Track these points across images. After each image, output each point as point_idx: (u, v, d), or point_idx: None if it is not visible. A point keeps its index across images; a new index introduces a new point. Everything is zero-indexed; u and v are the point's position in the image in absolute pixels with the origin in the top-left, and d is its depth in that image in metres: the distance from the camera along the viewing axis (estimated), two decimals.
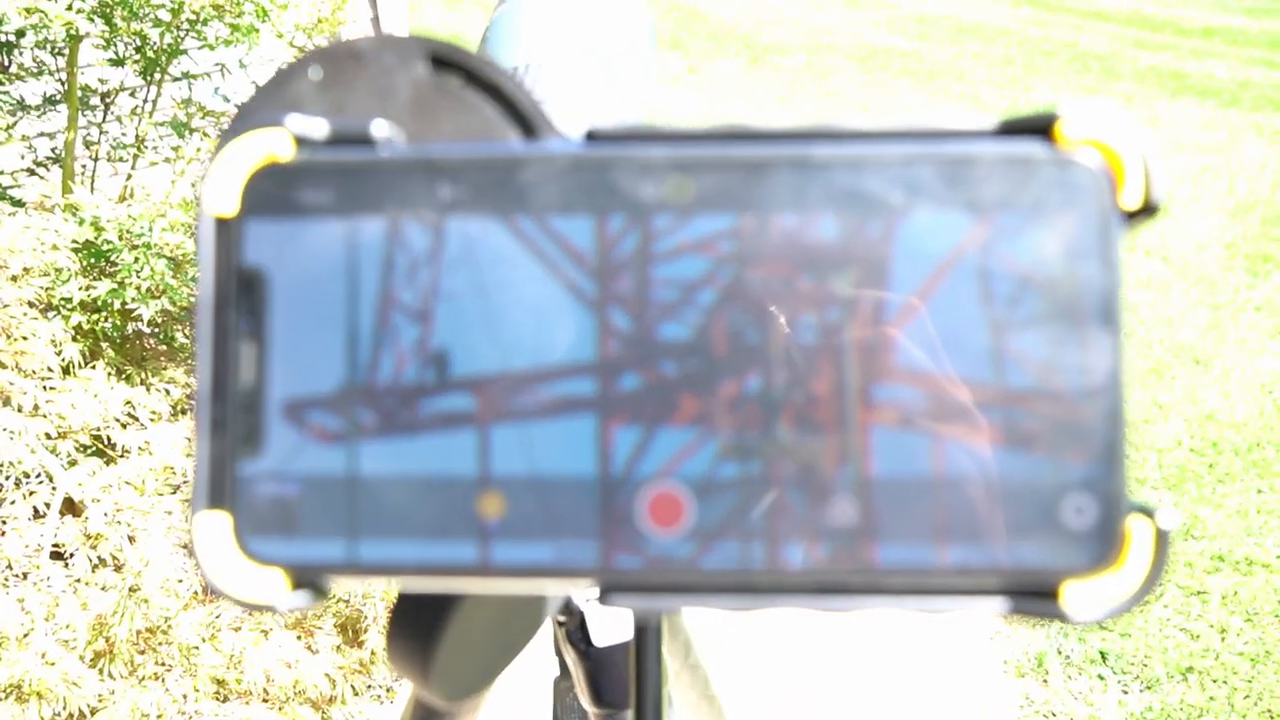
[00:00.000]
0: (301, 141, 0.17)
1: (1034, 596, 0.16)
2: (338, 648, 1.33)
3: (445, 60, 0.18)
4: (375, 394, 0.16)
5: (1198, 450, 2.06)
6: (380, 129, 0.17)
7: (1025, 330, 0.16)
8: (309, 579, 0.17)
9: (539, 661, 0.48)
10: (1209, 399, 2.23)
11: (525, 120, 0.18)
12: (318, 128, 0.17)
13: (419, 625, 0.26)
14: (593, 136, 0.17)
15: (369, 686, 1.37)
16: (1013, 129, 0.16)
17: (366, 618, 1.34)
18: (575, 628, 0.39)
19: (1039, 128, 0.16)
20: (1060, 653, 1.56)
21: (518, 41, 0.35)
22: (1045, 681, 1.51)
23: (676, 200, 0.16)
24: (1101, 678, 1.52)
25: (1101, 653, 1.56)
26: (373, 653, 1.34)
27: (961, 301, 0.16)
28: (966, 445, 0.16)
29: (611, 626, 0.39)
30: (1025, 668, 1.54)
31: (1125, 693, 1.49)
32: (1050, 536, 0.16)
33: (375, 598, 1.31)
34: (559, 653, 0.43)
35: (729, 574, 0.16)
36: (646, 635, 0.32)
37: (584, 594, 0.37)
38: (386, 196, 0.17)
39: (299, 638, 1.30)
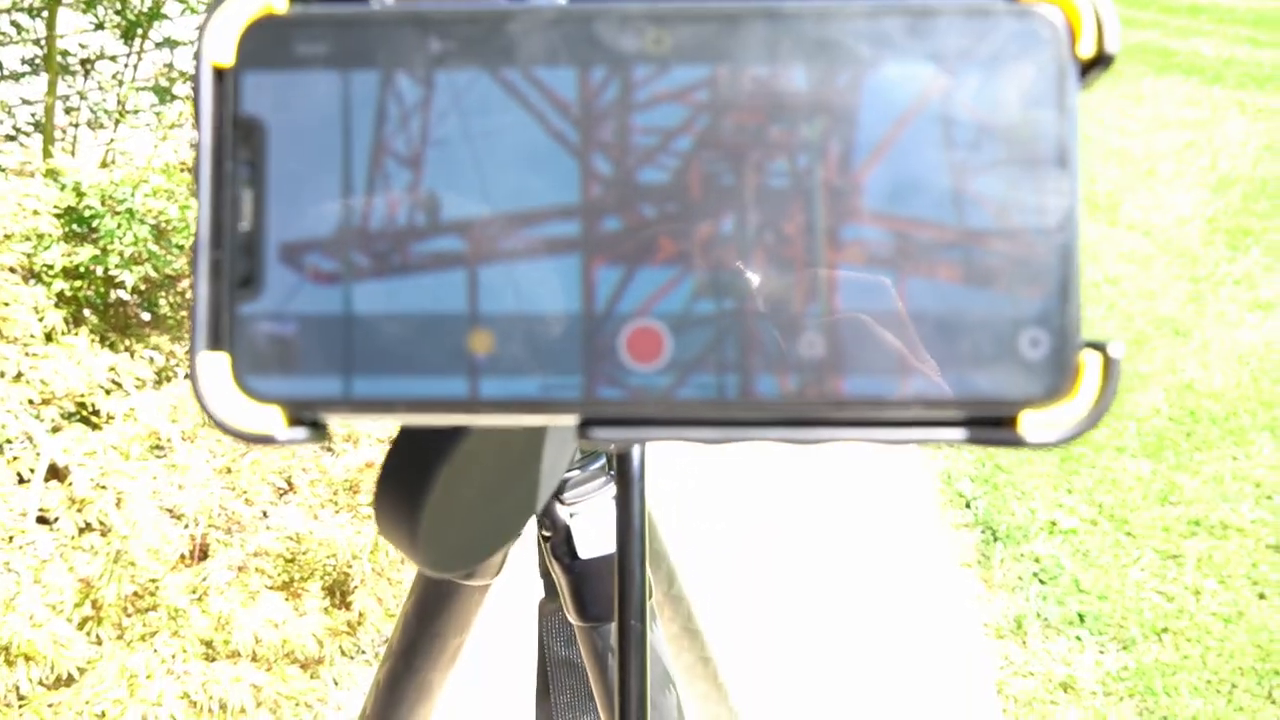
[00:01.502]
0: None
1: (993, 425, 0.17)
2: (325, 609, 1.34)
3: None
4: (369, 236, 0.17)
5: (1176, 419, 2.09)
6: None
7: (985, 174, 0.17)
8: (306, 415, 0.18)
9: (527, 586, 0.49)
10: (1188, 369, 2.26)
11: None
12: None
13: (404, 487, 0.27)
14: None
15: (359, 650, 1.39)
16: None
17: (354, 579, 1.35)
18: (560, 541, 0.40)
19: None
20: (1039, 615, 1.59)
21: None
22: (1024, 643, 1.54)
23: (655, 51, 0.17)
24: (1079, 639, 1.55)
25: (1079, 614, 1.59)
26: (361, 614, 1.35)
27: (924, 147, 0.17)
28: (928, 282, 0.17)
29: (596, 538, 0.40)
30: (1005, 630, 1.57)
31: (1102, 653, 1.51)
32: (1008, 368, 0.17)
33: (362, 558, 1.32)
34: (544, 573, 0.44)
35: (704, 404, 0.17)
36: (630, 537, 0.33)
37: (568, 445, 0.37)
38: (378, 49, 0.17)
39: (286, 599, 1.31)
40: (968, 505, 1.82)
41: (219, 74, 0.17)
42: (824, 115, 0.17)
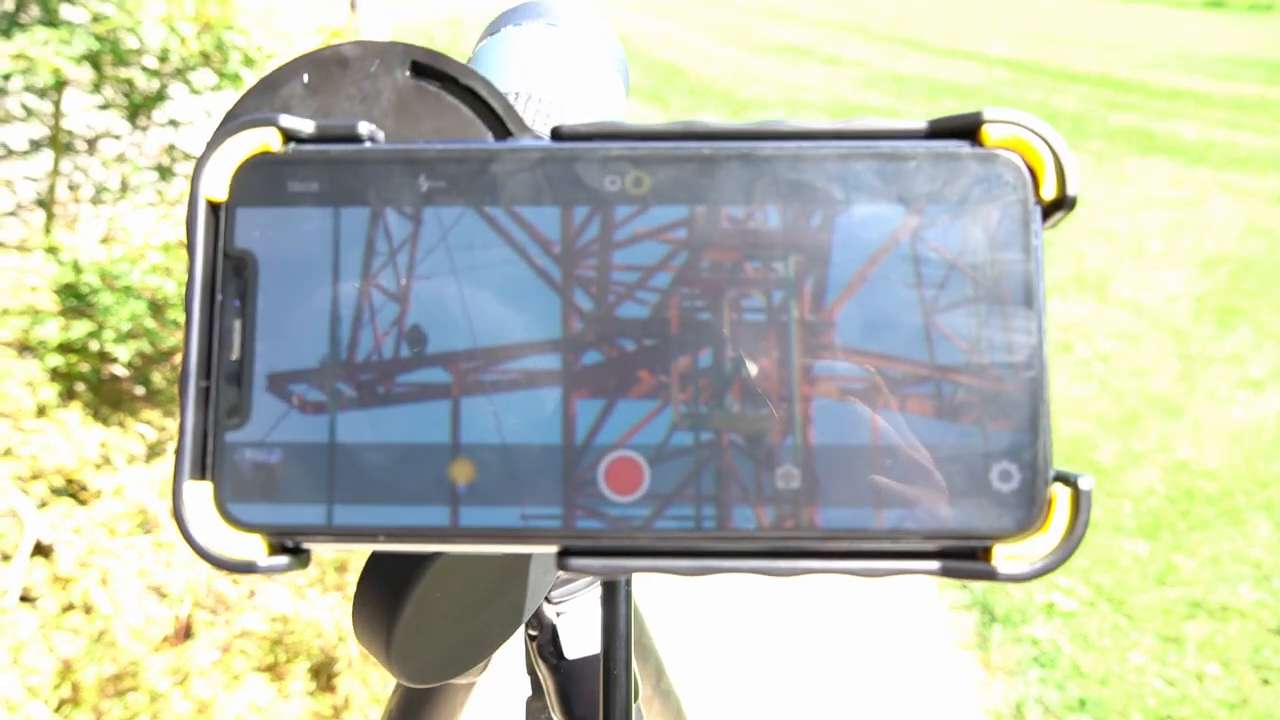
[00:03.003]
0: (290, 137, 0.18)
1: (966, 558, 0.17)
2: (310, 693, 1.31)
3: (425, 66, 0.20)
4: (354, 368, 0.18)
5: (1171, 498, 2.08)
6: (364, 128, 0.18)
7: (954, 311, 0.17)
8: (288, 542, 0.18)
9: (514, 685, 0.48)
10: (1181, 448, 2.26)
11: (499, 121, 0.20)
12: (305, 126, 0.18)
13: (380, 598, 0.27)
14: (558, 134, 0.18)
15: None
16: (941, 130, 0.18)
17: (340, 661, 1.32)
18: (547, 640, 0.40)
19: (965, 129, 0.18)
20: (1039, 700, 1.56)
21: (497, 75, 0.37)
22: None
23: (635, 192, 0.18)
24: None
25: (1081, 700, 1.56)
26: (346, 698, 1.32)
27: (895, 285, 0.17)
28: (900, 416, 0.17)
29: (583, 638, 0.39)
30: (1005, 716, 1.54)
31: None
32: (980, 501, 0.17)
33: (349, 640, 1.29)
34: (531, 671, 0.43)
35: (682, 535, 0.17)
36: (615, 640, 0.33)
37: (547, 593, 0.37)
38: (368, 187, 0.18)
39: (270, 681, 1.28)
40: (964, 587, 1.80)
41: (213, 208, 0.18)
42: (798, 253, 0.18)
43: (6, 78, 1.49)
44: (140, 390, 1.73)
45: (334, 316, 0.18)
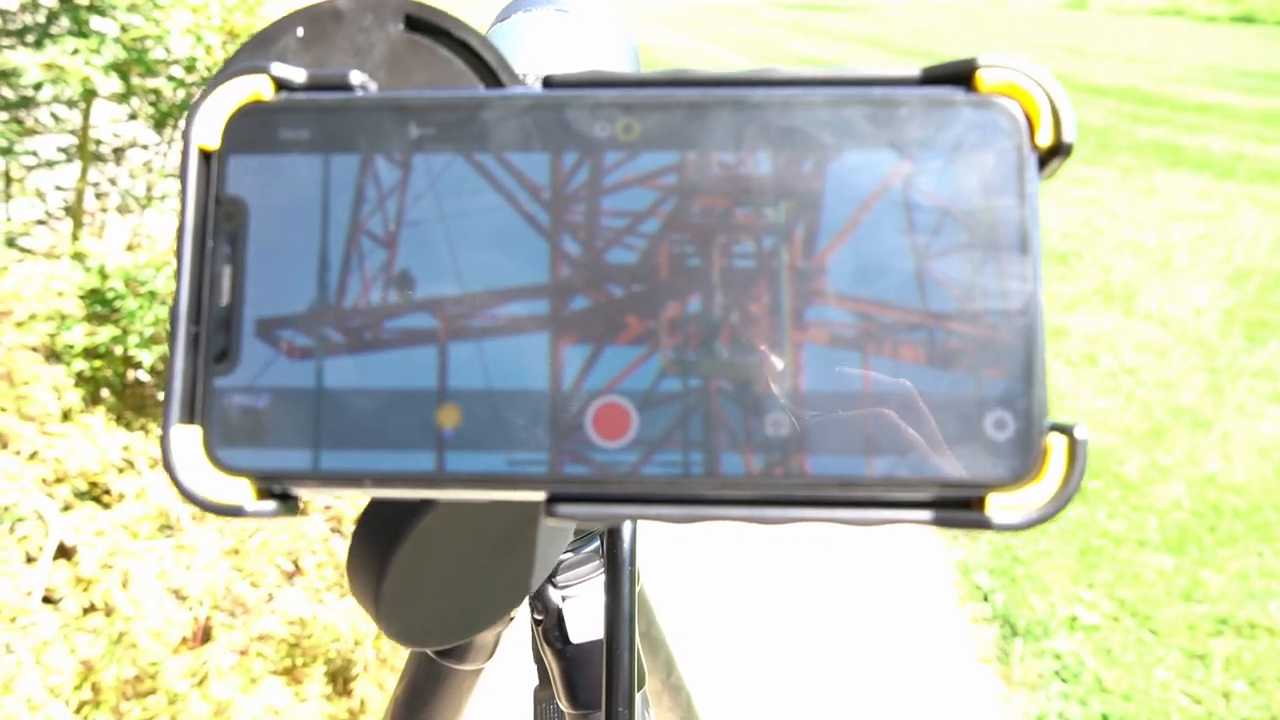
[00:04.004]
0: (282, 86, 0.18)
1: (960, 507, 0.17)
2: (327, 696, 1.31)
3: (419, 20, 0.20)
4: (343, 313, 0.18)
5: (1198, 513, 2.05)
6: (356, 77, 0.18)
7: (947, 258, 0.17)
8: (275, 487, 0.18)
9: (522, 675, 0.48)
10: (1209, 462, 2.22)
11: (492, 73, 0.20)
12: (297, 74, 0.18)
13: (371, 552, 0.27)
14: (549, 83, 0.18)
15: None
16: (935, 77, 0.18)
17: (357, 665, 1.32)
18: (552, 625, 0.39)
19: (959, 75, 0.18)
20: (1061, 716, 1.54)
21: (510, 58, 0.37)
22: None
23: (625, 138, 0.18)
24: None
25: (1104, 715, 1.54)
26: (362, 701, 1.32)
27: (887, 231, 0.17)
28: (893, 363, 0.17)
29: (589, 623, 0.39)
30: None
31: None
32: (974, 450, 0.17)
33: (365, 644, 1.30)
34: (537, 658, 0.43)
35: (670, 481, 0.17)
36: (619, 621, 0.32)
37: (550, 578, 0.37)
38: (358, 134, 0.18)
39: (288, 684, 1.29)
40: (985, 599, 1.78)
41: (205, 156, 0.18)
42: (788, 199, 0.17)
43: (38, 87, 1.52)
44: (163, 396, 1.75)
45: (323, 262, 0.18)
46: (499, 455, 0.17)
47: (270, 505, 0.18)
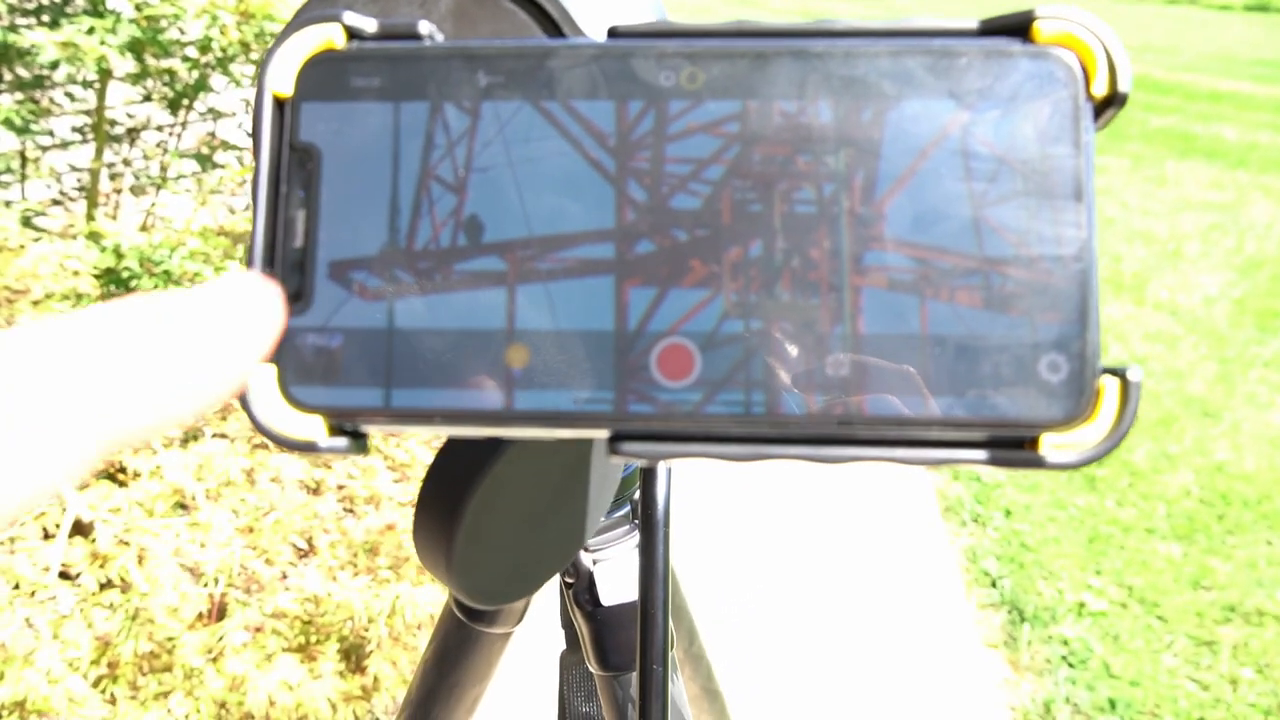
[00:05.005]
0: (353, 35, 0.19)
1: (1014, 447, 0.17)
2: (340, 673, 1.33)
3: None
4: (413, 256, 0.18)
5: (1207, 501, 2.05)
6: (425, 27, 0.19)
7: (1003, 205, 0.18)
8: (347, 425, 0.18)
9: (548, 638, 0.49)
10: (1218, 451, 2.22)
11: (554, 25, 0.20)
12: (369, 24, 0.19)
13: (441, 510, 0.27)
14: (614, 33, 0.19)
15: (373, 716, 1.37)
16: (993, 29, 0.18)
17: (370, 643, 1.33)
18: (583, 588, 0.40)
19: (1017, 26, 0.18)
20: (1069, 700, 1.54)
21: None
22: None
23: (689, 87, 0.18)
24: None
25: (1111, 700, 1.55)
26: (375, 678, 1.33)
27: (945, 179, 0.18)
28: (950, 306, 0.17)
29: (619, 586, 0.40)
30: (1033, 715, 1.52)
31: None
32: (1028, 391, 0.17)
33: (379, 622, 1.31)
34: (566, 623, 0.43)
35: (731, 420, 0.18)
36: (653, 581, 0.33)
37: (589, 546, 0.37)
38: (428, 82, 0.18)
39: (302, 661, 1.30)
40: (994, 584, 1.78)
41: (279, 103, 0.19)
42: (849, 147, 0.18)
43: (54, 66, 1.52)
44: None
45: (394, 207, 0.18)
46: (566, 394, 0.18)
47: (342, 442, 0.18)
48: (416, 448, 1.60)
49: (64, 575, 1.33)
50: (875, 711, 1.46)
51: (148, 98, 1.71)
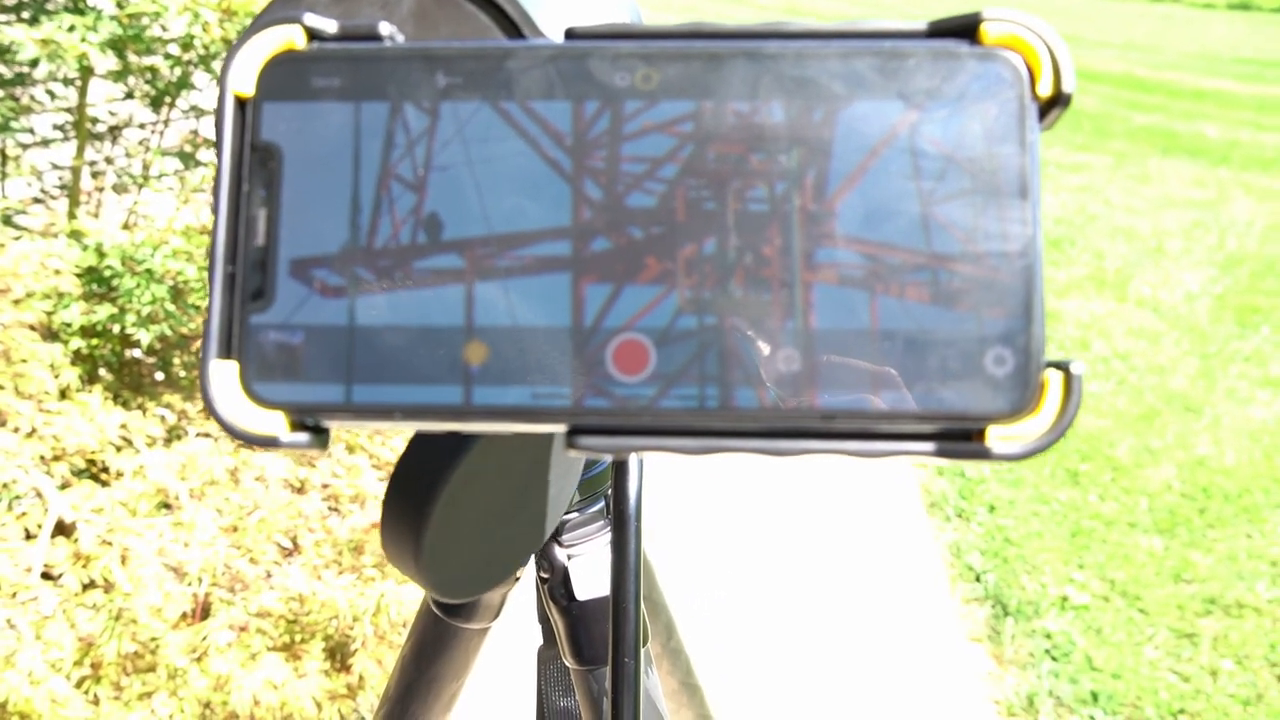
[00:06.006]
0: (314, 36, 0.19)
1: (961, 439, 0.18)
2: (325, 672, 1.33)
3: None
4: (373, 254, 0.18)
5: (1188, 495, 2.07)
6: (385, 28, 0.19)
7: (951, 203, 0.18)
8: (309, 420, 0.19)
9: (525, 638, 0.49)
10: (1200, 445, 2.24)
11: (514, 27, 0.20)
12: (329, 25, 0.19)
13: (407, 506, 0.28)
14: (571, 34, 0.19)
15: (358, 714, 1.37)
16: (941, 30, 0.19)
17: (355, 641, 1.33)
18: (558, 582, 0.40)
19: (964, 28, 0.18)
20: (1051, 693, 1.56)
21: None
22: None
23: (644, 87, 0.19)
24: (1093, 718, 1.51)
25: (1093, 693, 1.56)
26: (360, 677, 1.33)
27: (894, 177, 0.18)
28: (899, 302, 0.18)
29: (593, 580, 0.40)
30: (1017, 708, 1.53)
31: None
32: (975, 384, 0.18)
33: (364, 620, 1.31)
34: (543, 618, 0.44)
35: (686, 414, 0.18)
36: (624, 575, 0.33)
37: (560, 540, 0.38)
38: (388, 83, 0.19)
39: (286, 660, 1.30)
40: (977, 579, 1.79)
41: (240, 103, 0.19)
42: (800, 146, 0.18)
43: (34, 64, 1.51)
44: (160, 375, 1.75)
45: (354, 205, 0.19)
46: (523, 389, 0.18)
47: (304, 437, 0.18)
48: (402, 446, 1.60)
49: (46, 576, 1.32)
50: (861, 706, 1.47)
51: (129, 95, 1.70)
